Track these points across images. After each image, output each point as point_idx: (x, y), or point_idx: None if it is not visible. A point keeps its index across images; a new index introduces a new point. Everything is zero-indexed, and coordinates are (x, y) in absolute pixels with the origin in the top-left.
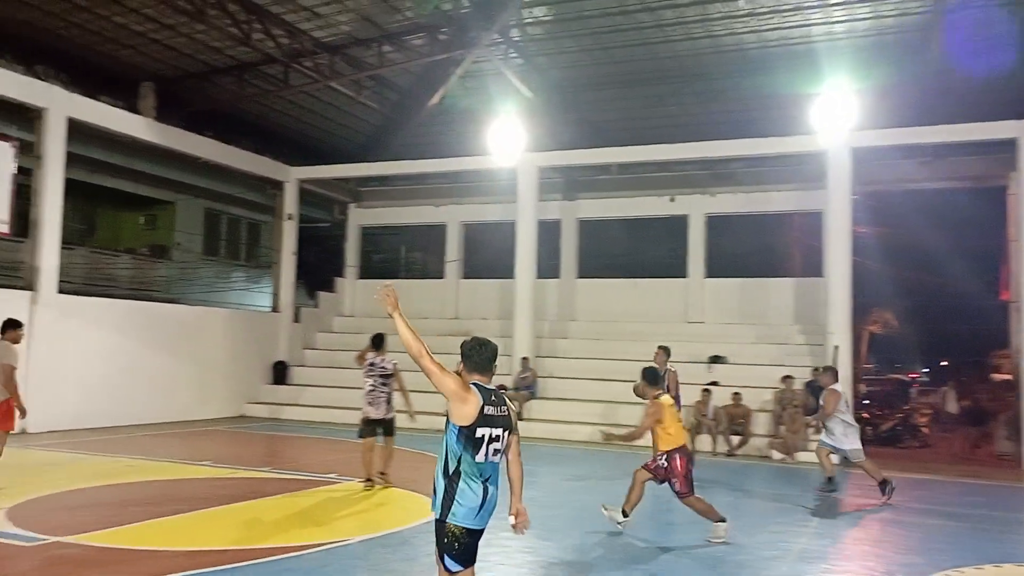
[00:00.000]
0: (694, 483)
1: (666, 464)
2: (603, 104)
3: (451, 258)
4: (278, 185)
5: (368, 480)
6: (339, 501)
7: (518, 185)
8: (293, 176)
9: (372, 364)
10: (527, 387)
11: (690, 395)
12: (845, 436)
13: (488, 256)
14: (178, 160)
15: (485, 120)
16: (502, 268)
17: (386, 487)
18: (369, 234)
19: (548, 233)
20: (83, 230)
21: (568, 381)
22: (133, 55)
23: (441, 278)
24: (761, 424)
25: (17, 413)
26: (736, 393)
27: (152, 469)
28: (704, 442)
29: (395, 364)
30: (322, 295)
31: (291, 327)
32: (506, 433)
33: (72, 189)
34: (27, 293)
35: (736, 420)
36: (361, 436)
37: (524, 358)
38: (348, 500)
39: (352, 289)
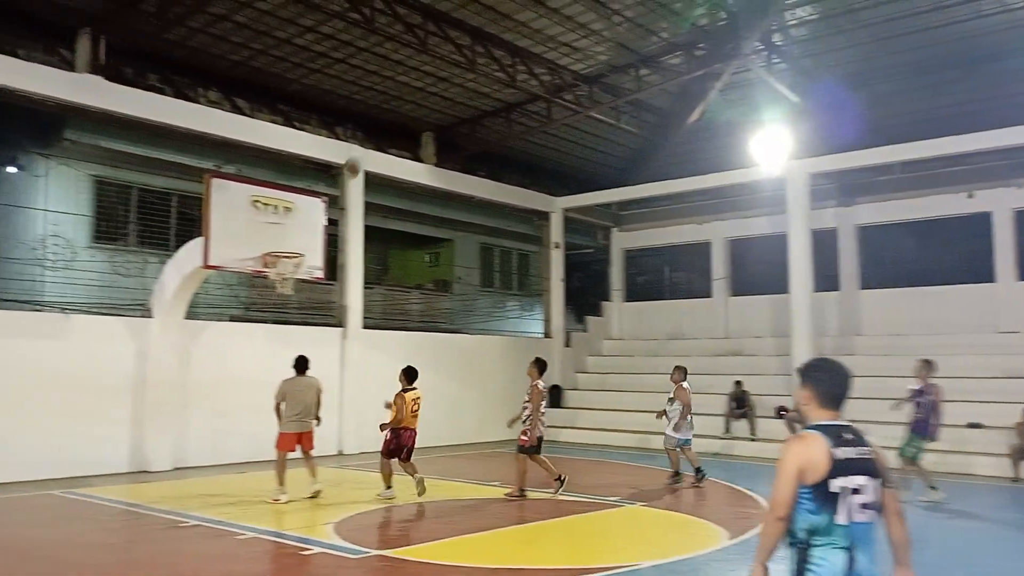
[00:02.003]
0: None
1: None
2: (879, 100)
3: (718, 275)
4: (544, 216)
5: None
6: (624, 525)
7: (787, 195)
8: (558, 206)
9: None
10: None
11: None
12: None
13: (758, 271)
14: (455, 200)
15: (748, 131)
16: (774, 283)
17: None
18: (632, 257)
19: (823, 243)
20: (379, 270)
21: (860, 402)
22: (415, 109)
23: (708, 297)
24: None
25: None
26: None
27: (450, 488)
28: None
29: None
30: (590, 319)
31: (563, 352)
32: (876, 481)
33: (368, 234)
34: (338, 329)
35: None
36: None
37: None
38: (633, 524)
39: (619, 312)
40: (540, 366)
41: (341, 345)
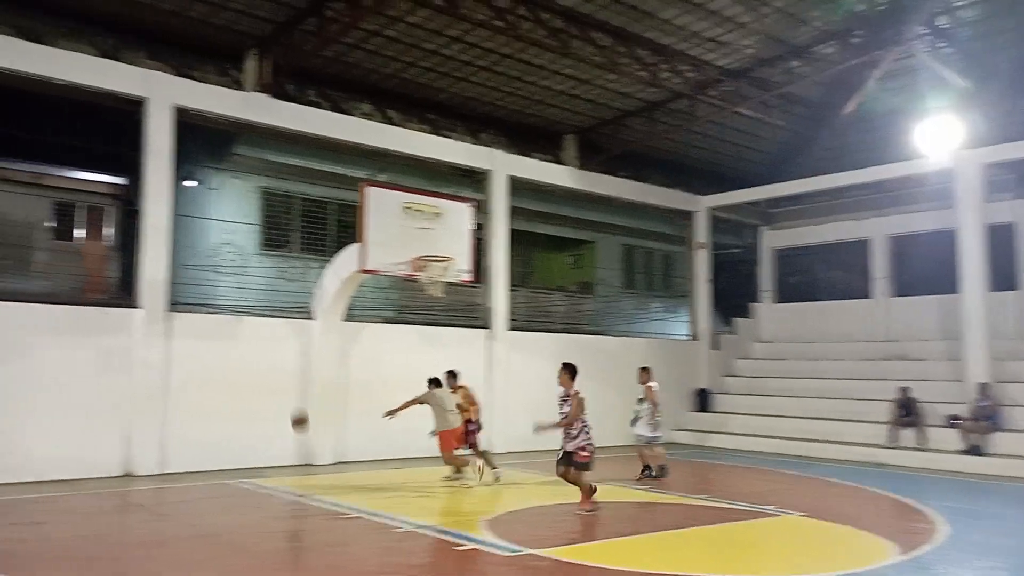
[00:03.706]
0: None
1: None
2: None
3: (878, 275)
4: (688, 215)
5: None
6: (783, 535)
7: (956, 188)
8: (703, 205)
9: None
10: (987, 417)
11: None
12: None
13: (923, 270)
14: (597, 202)
15: (911, 121)
16: (942, 282)
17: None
18: (783, 256)
19: (998, 239)
20: (523, 273)
21: None
22: (556, 112)
23: (867, 297)
24: None
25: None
26: None
27: (600, 491)
28: None
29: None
30: (739, 321)
31: (710, 354)
32: None
33: (513, 237)
34: (484, 331)
35: None
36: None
37: (982, 384)
38: (793, 534)
39: (769, 314)
40: (572, 371)
41: (487, 346)
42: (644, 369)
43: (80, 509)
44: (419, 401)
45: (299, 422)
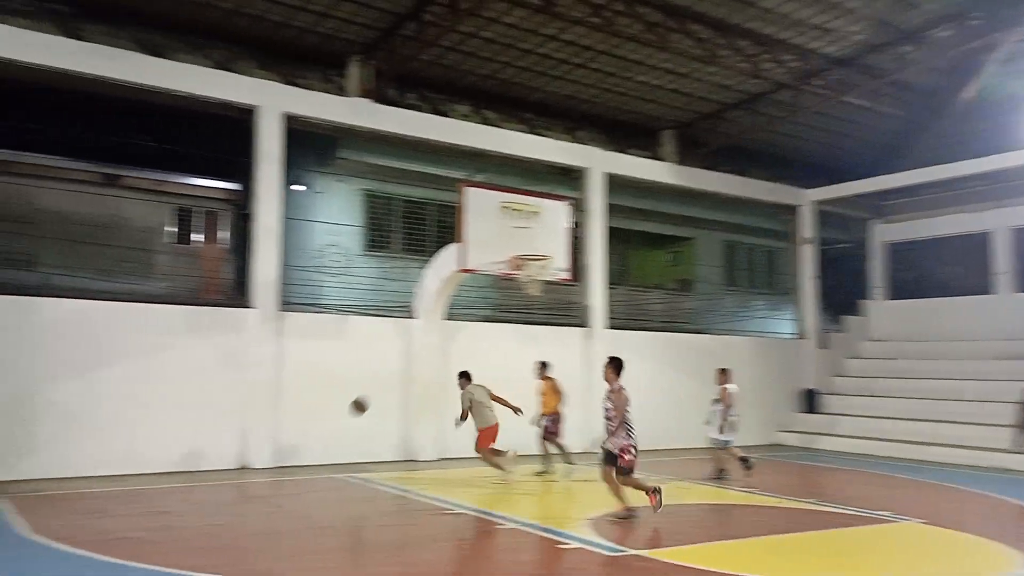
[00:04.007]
0: None
1: None
2: None
3: (1001, 269)
4: (793, 210)
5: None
6: (898, 540)
7: None
8: (808, 199)
9: None
10: None
11: None
12: None
13: None
14: (696, 198)
15: None
16: None
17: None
18: (896, 250)
19: None
20: (620, 271)
21: None
22: (654, 108)
23: (987, 293)
24: None
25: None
26: None
27: (702, 492)
28: None
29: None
30: (848, 319)
31: (817, 354)
32: None
33: (610, 235)
34: (581, 330)
35: None
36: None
37: None
38: (912, 541)
39: (880, 312)
40: (617, 366)
41: (585, 345)
42: (723, 370)
43: (202, 500)
44: (466, 404)
45: (358, 407)
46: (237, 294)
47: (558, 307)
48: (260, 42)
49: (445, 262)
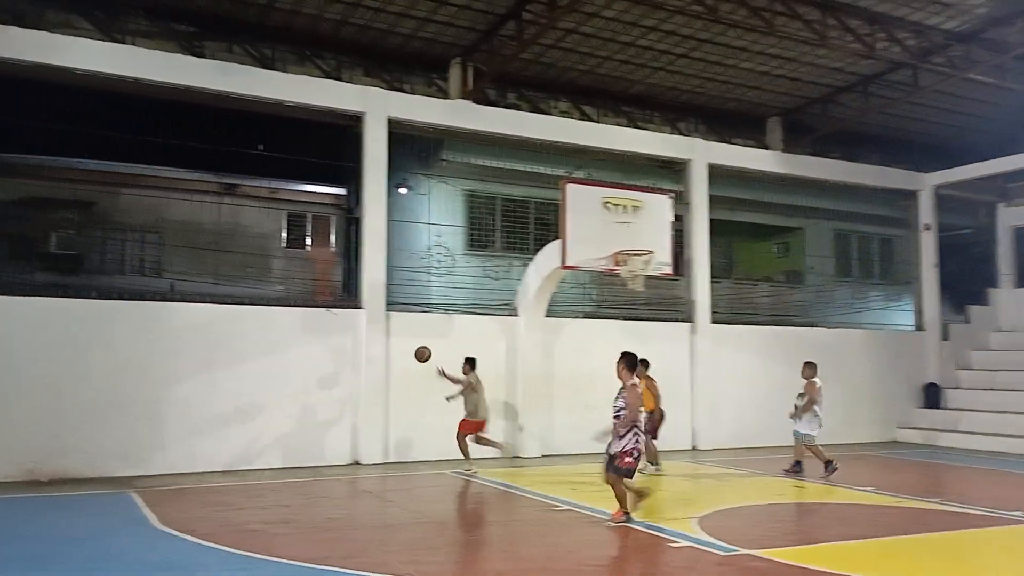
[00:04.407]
0: None
1: None
2: None
3: None
4: (910, 195)
5: None
6: None
7: None
8: (927, 183)
9: None
10: None
11: None
12: None
13: None
14: (805, 186)
15: None
16: None
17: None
18: None
19: None
20: (726, 264)
21: None
22: (759, 95)
23: None
24: None
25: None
26: None
27: (815, 491)
28: None
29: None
30: (973, 309)
31: (939, 346)
32: None
33: (714, 227)
34: (686, 324)
35: None
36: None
37: None
38: None
39: (1009, 300)
40: (630, 361)
41: (690, 340)
42: (809, 364)
43: (317, 494)
44: (467, 384)
45: (421, 355)
46: (347, 296)
47: (662, 302)
48: (366, 50)
49: (546, 259)
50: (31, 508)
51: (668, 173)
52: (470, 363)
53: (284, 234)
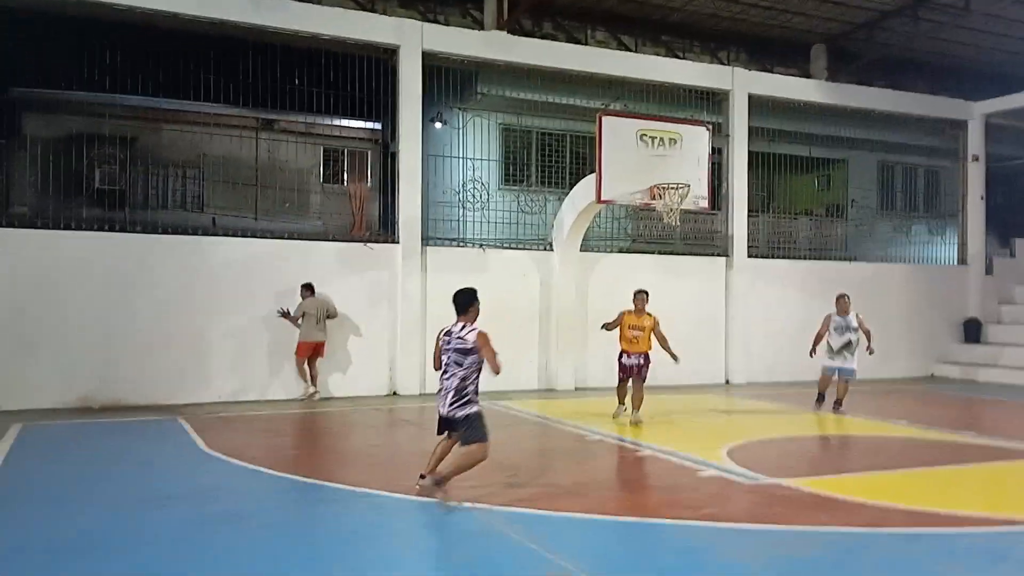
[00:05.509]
0: None
1: None
2: None
3: None
4: (959, 125)
5: None
6: None
7: None
8: (977, 112)
9: None
10: None
11: None
12: None
13: None
14: (849, 117)
15: None
16: None
17: None
18: None
19: None
20: (764, 197)
21: None
22: (803, 21)
23: None
24: None
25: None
26: None
27: (847, 424)
28: None
29: None
30: (1019, 242)
31: (983, 280)
32: None
33: (753, 160)
34: (722, 259)
35: None
36: None
37: None
38: None
39: None
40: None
41: (725, 275)
42: (843, 297)
43: (358, 423)
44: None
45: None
46: (383, 231)
47: (698, 237)
48: None
49: (582, 193)
50: (85, 432)
51: (708, 104)
52: (308, 288)
53: (321, 169)
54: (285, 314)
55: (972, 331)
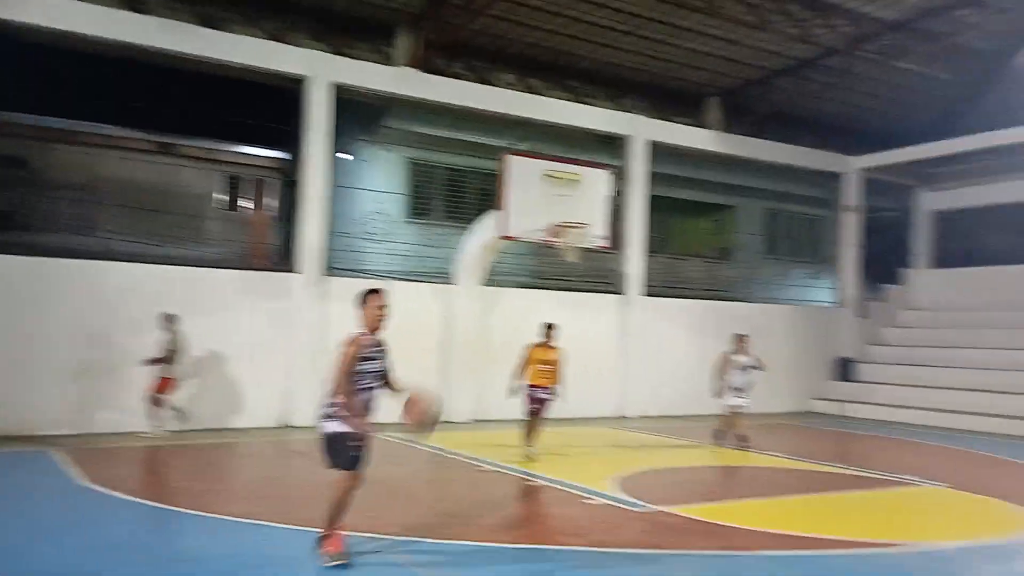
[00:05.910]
0: None
1: None
2: None
3: None
4: (838, 177)
5: None
6: (917, 502)
7: None
8: (853, 166)
9: None
10: None
11: None
12: None
13: None
14: (740, 165)
15: None
16: None
17: None
18: (945, 219)
19: None
20: (661, 239)
21: None
22: (701, 74)
23: None
24: None
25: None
26: None
27: (730, 456)
28: None
29: None
30: (889, 288)
31: (855, 322)
32: None
33: (651, 203)
34: (619, 297)
35: None
36: None
37: None
38: (928, 502)
39: (922, 280)
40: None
41: (622, 312)
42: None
43: (249, 455)
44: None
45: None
46: (283, 259)
47: (597, 274)
48: (312, 13)
49: (486, 229)
50: None
51: (609, 148)
52: (169, 318)
53: (221, 196)
54: (158, 360)
55: (845, 369)
